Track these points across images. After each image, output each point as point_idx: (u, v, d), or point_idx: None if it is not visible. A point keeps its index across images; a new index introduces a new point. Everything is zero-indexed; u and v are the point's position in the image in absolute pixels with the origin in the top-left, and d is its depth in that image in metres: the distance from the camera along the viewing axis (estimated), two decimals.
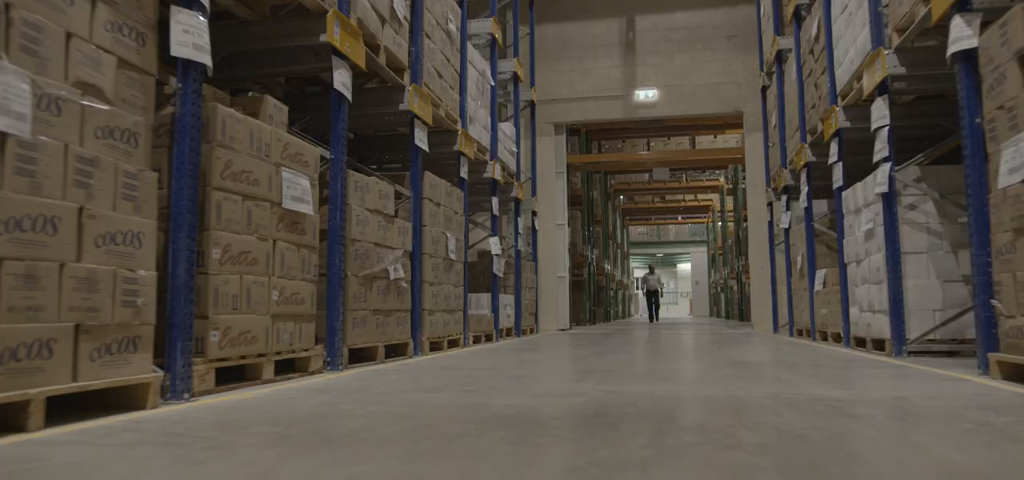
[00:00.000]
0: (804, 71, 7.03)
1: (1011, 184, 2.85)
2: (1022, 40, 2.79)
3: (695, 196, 24.21)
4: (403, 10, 4.81)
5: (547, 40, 11.20)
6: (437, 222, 5.40)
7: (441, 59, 5.65)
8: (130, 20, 2.37)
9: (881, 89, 4.48)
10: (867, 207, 4.95)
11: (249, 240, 2.98)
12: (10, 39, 1.92)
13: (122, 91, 2.32)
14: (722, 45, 10.89)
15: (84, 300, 2.09)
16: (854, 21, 5.10)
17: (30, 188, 1.94)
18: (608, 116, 11.12)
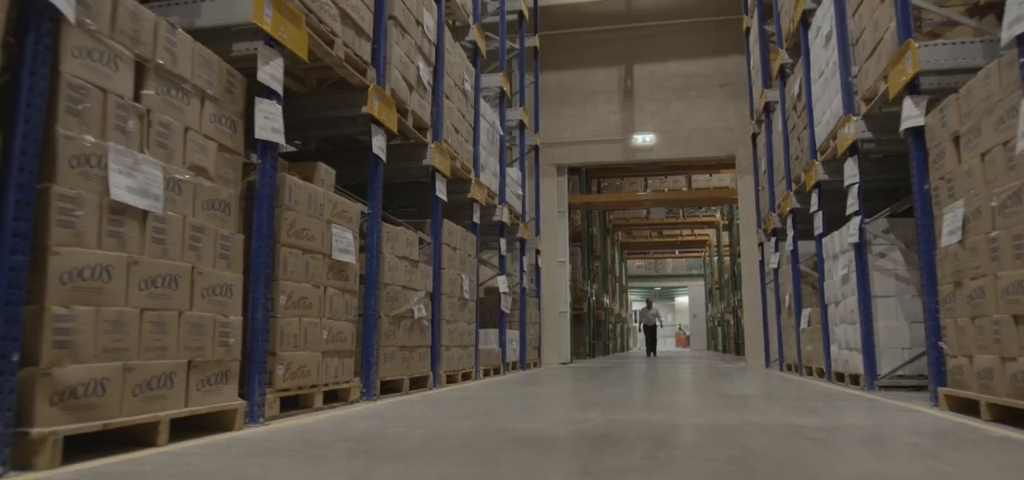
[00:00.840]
0: (788, 124, 7.62)
1: (950, 244, 3.39)
2: (956, 125, 3.35)
3: (692, 231, 24.79)
4: (427, 77, 5.39)
5: (550, 87, 11.83)
6: (454, 265, 5.92)
7: (458, 116, 6.22)
8: (226, 111, 2.91)
9: (852, 150, 5.05)
10: (843, 254, 5.49)
11: (306, 288, 3.51)
12: (149, 137, 2.47)
13: (220, 169, 2.86)
14: (715, 93, 11.52)
15: (194, 341, 2.61)
16: (829, 86, 5.69)
17: (161, 253, 2.47)
18: (608, 159, 11.72)
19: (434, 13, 5.60)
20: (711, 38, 11.67)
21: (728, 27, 11.53)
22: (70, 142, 2.12)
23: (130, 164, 2.33)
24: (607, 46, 12.00)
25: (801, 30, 6.72)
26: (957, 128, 3.33)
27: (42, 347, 1.99)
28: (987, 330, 3.04)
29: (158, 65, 2.52)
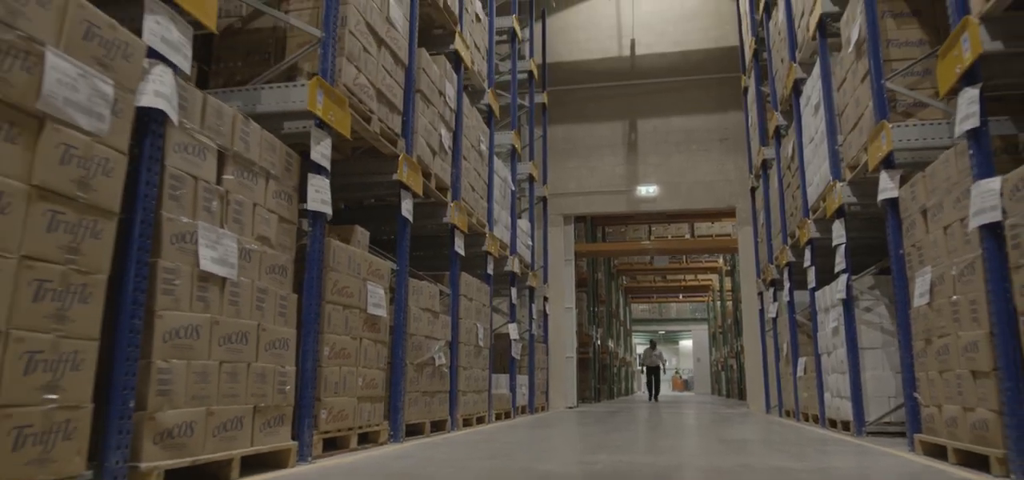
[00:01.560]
0: (784, 182, 8.07)
1: (920, 305, 3.80)
2: (923, 199, 3.78)
3: (695, 276, 25.16)
4: (448, 142, 5.87)
5: (558, 140, 12.35)
6: (470, 314, 6.33)
7: (474, 174, 6.69)
8: (285, 187, 3.36)
9: (839, 213, 5.48)
10: (833, 308, 5.89)
11: (346, 340, 3.92)
12: (227, 214, 2.91)
13: (279, 238, 3.30)
14: (715, 147, 12.01)
15: (259, 388, 3.02)
16: (818, 152, 6.14)
17: (235, 313, 2.89)
18: (613, 209, 12.18)
19: (454, 83, 6.10)
20: (712, 95, 12.20)
21: (727, 84, 12.07)
22: (171, 223, 2.56)
23: (214, 239, 2.77)
24: (612, 101, 12.54)
25: (793, 96, 7.21)
26: (924, 202, 3.77)
27: (149, 395, 2.41)
28: (952, 383, 3.43)
29: (235, 152, 2.98)
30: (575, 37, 12.83)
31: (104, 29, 2.20)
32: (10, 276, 1.86)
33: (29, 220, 1.93)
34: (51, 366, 1.98)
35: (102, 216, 2.17)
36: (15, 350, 1.87)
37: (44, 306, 1.96)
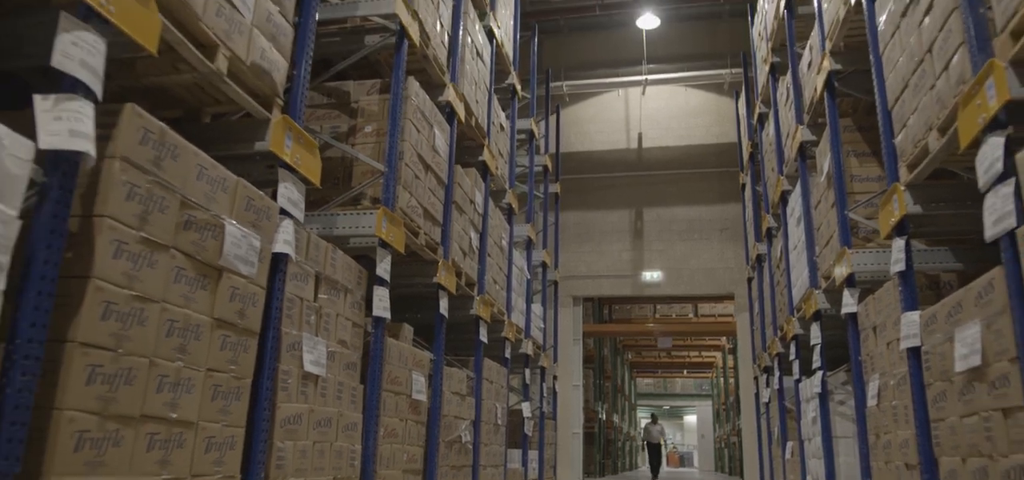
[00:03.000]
0: (774, 279, 8.90)
1: (872, 405, 4.58)
2: (873, 317, 4.60)
3: (700, 353, 25.77)
4: (475, 243, 6.75)
5: (569, 225, 13.27)
6: (490, 396, 7.11)
7: (496, 269, 7.56)
8: (356, 298, 4.23)
9: (816, 317, 6.29)
10: (812, 399, 6.64)
11: (395, 422, 4.72)
12: (320, 325, 3.76)
13: (352, 340, 4.14)
14: (716, 236, 12.90)
15: (337, 463, 3.81)
16: (800, 259, 6.99)
17: (323, 403, 3.72)
18: (619, 292, 13.02)
19: (482, 190, 7.03)
20: (713, 187, 13.15)
21: (728, 178, 13.02)
22: (287, 336, 3.42)
23: (312, 345, 3.61)
24: (620, 190, 13.51)
25: (781, 204, 8.10)
26: (874, 320, 4.59)
27: (270, 468, 3.22)
28: (893, 473, 4.19)
29: (326, 275, 3.85)
30: (587, 129, 13.88)
31: (256, 199, 3.09)
32: (200, 384, 2.70)
33: (211, 343, 2.78)
34: (218, 447, 2.80)
35: (250, 336, 3.02)
36: (201, 435, 2.70)
37: (217, 404, 2.80)
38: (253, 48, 3.12)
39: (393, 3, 4.78)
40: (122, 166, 2.33)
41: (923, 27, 3.59)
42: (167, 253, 2.53)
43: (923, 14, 3.57)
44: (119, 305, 2.30)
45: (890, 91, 4.16)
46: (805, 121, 6.73)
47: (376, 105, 5.06)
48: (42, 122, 2.06)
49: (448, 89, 5.93)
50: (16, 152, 1.93)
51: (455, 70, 6.11)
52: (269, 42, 3.24)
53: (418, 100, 5.16)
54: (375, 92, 5.14)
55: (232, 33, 2.97)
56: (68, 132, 2.09)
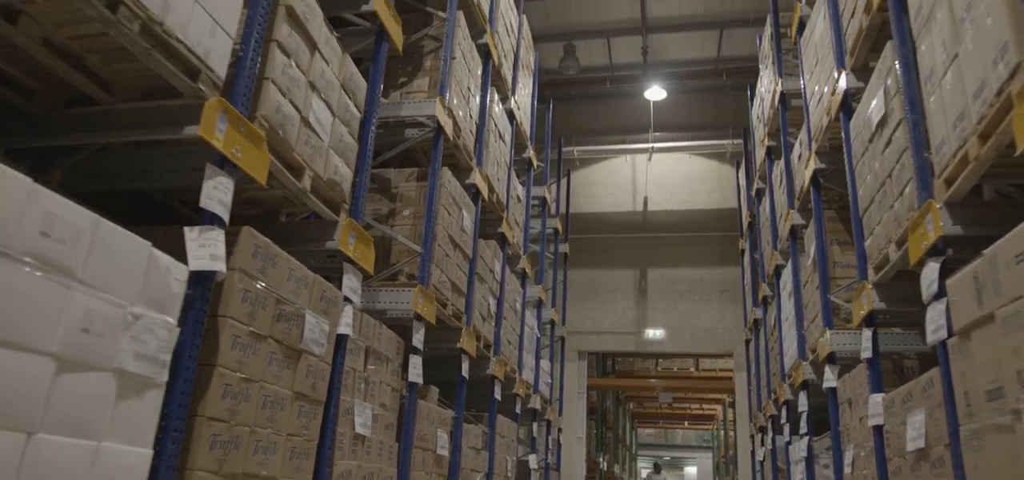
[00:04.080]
0: (768, 344, 9.49)
1: (847, 473, 5.15)
2: (849, 393, 5.20)
3: (701, 405, 26.16)
4: (493, 308, 7.39)
5: (576, 282, 13.89)
6: (502, 449, 7.67)
7: (510, 331, 8.18)
8: (395, 366, 4.84)
9: (803, 386, 6.87)
10: (800, 462, 7.18)
11: (422, 475, 5.30)
12: (367, 392, 4.38)
13: (391, 403, 4.75)
14: (716, 297, 13.51)
15: None
16: (791, 331, 7.59)
17: (367, 459, 4.32)
18: (623, 348, 13.60)
19: (500, 259, 7.68)
20: (714, 250, 13.80)
21: (728, 242, 13.67)
22: (343, 402, 4.04)
23: (361, 409, 4.23)
24: (626, 250, 14.17)
25: (775, 276, 8.72)
26: (849, 396, 5.18)
27: None
28: None
29: (373, 348, 4.49)
30: (595, 192, 14.59)
31: (327, 291, 3.74)
32: (282, 446, 3.33)
33: (291, 412, 3.41)
34: None
35: (318, 405, 3.65)
36: None
37: (293, 462, 3.41)
38: (329, 166, 3.81)
39: (433, 106, 5.50)
40: (239, 276, 2.99)
41: (885, 155, 4.26)
42: (266, 342, 3.18)
43: (884, 145, 4.25)
44: (233, 386, 2.95)
45: (861, 201, 4.83)
46: (796, 206, 7.39)
47: (414, 191, 5.74)
48: (191, 249, 2.72)
49: (474, 172, 6.62)
50: (178, 276, 2.59)
51: (481, 155, 6.82)
52: (340, 159, 3.93)
53: (450, 187, 5.84)
54: (413, 180, 5.82)
55: (315, 156, 3.66)
56: (209, 256, 2.75)
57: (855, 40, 4.92)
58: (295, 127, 3.46)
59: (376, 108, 4.47)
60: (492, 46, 7.25)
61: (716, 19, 12.65)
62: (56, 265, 2.05)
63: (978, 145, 2.96)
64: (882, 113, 4.22)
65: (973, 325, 2.91)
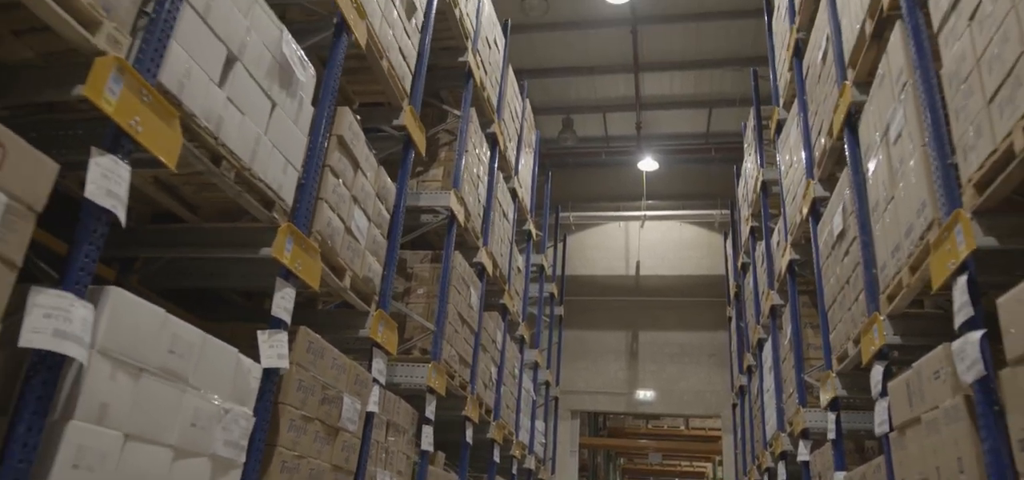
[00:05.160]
0: (752, 412, 10.04)
1: None
2: (818, 468, 5.76)
3: (690, 462, 26.43)
4: (495, 376, 7.95)
5: (570, 343, 14.44)
6: None
7: (509, 396, 8.72)
8: (410, 435, 5.39)
9: (782, 456, 7.41)
10: None
11: None
12: (387, 460, 4.93)
13: (406, 468, 5.29)
14: (705, 361, 14.07)
15: None
16: (771, 403, 8.16)
17: None
18: (615, 409, 14.11)
19: (502, 330, 8.27)
20: (703, 315, 14.40)
21: (717, 307, 14.28)
22: (368, 471, 4.58)
23: (382, 475, 4.77)
24: (618, 313, 14.75)
25: (758, 349, 9.32)
26: (820, 469, 5.75)
27: None
28: None
29: (393, 421, 5.04)
30: (590, 255, 15.22)
31: (361, 374, 4.32)
32: None
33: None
34: None
35: (350, 475, 4.20)
36: None
37: None
38: (364, 265, 4.42)
39: (448, 198, 6.15)
40: (296, 368, 3.58)
41: (844, 263, 4.91)
42: (313, 423, 3.75)
43: (844, 254, 4.90)
44: (288, 462, 3.51)
45: (826, 298, 5.46)
46: (775, 287, 8.03)
47: (428, 272, 6.36)
48: (263, 350, 3.31)
49: (481, 251, 7.25)
50: (255, 374, 3.18)
51: (487, 234, 7.46)
52: (373, 258, 4.55)
53: (461, 269, 6.46)
54: (427, 261, 6.44)
55: (354, 258, 4.28)
56: (277, 355, 3.34)
57: (821, 155, 5.61)
58: (340, 236, 4.09)
59: (403, 209, 5.11)
60: (499, 133, 7.96)
61: (705, 99, 13.47)
62: (177, 374, 2.65)
63: (909, 274, 3.60)
64: (841, 227, 4.88)
65: (907, 424, 3.52)
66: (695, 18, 11.25)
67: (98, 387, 2.29)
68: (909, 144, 3.57)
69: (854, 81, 4.71)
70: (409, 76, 5.29)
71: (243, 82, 3.14)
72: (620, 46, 12.04)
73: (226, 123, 3.01)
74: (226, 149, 3.02)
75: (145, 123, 2.48)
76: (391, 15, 4.91)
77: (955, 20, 3.04)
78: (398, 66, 5.04)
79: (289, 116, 3.51)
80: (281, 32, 3.46)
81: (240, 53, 3.11)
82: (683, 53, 12.22)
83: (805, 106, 6.18)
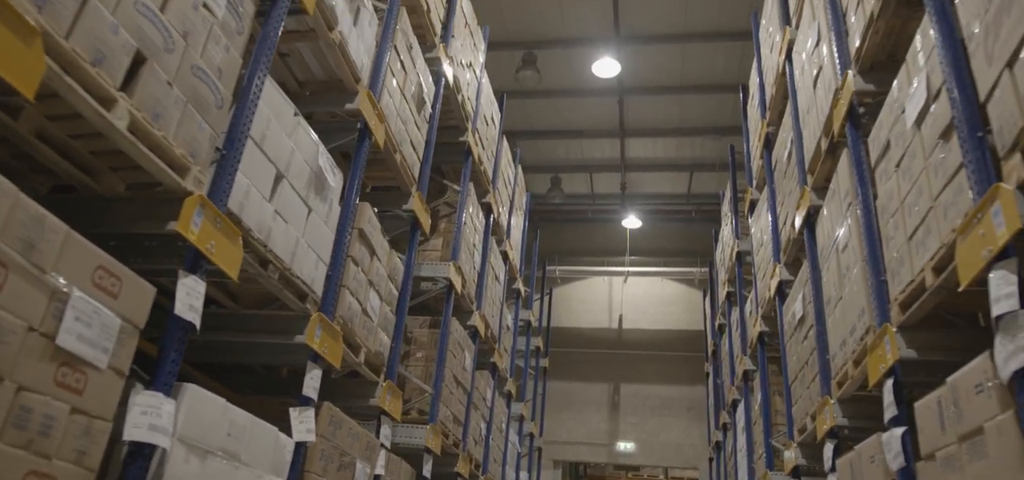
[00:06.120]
0: (727, 467, 10.54)
1: None
2: None
3: None
4: (484, 431, 8.41)
5: (553, 394, 14.90)
6: None
7: (497, 449, 9.17)
8: None
9: None
10: None
11: None
12: None
13: None
14: (684, 415, 14.58)
15: None
16: (744, 462, 8.68)
17: None
18: (596, 459, 14.53)
19: (491, 387, 8.76)
20: (682, 370, 14.96)
21: (696, 362, 14.84)
22: None
23: None
24: (601, 365, 15.27)
25: (733, 407, 9.86)
26: None
27: None
28: None
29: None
30: (575, 308, 15.79)
31: (371, 441, 4.80)
32: None
33: None
34: None
35: None
36: None
37: None
38: (377, 340, 4.94)
39: (447, 269, 6.69)
40: (320, 440, 4.07)
41: (804, 345, 5.49)
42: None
43: (803, 337, 5.49)
44: None
45: (789, 373, 6.03)
46: (748, 353, 8.61)
47: (426, 337, 6.86)
48: (294, 425, 3.81)
49: (475, 315, 7.77)
50: (288, 447, 3.67)
51: (481, 298, 7.99)
52: (384, 333, 5.07)
53: (457, 334, 6.98)
54: (425, 327, 6.95)
55: (368, 336, 4.79)
56: (306, 430, 3.84)
57: (787, 242, 6.23)
58: (358, 318, 4.61)
59: (410, 286, 5.64)
60: (494, 202, 8.54)
61: (686, 163, 14.20)
62: (232, 453, 3.14)
63: (853, 367, 4.18)
64: (801, 313, 5.47)
65: None
66: (678, 91, 11.99)
67: (176, 469, 2.79)
68: (853, 255, 4.18)
69: (813, 186, 5.34)
70: (418, 164, 5.86)
71: (288, 194, 3.69)
72: (607, 113, 12.75)
73: (274, 232, 3.55)
74: (272, 254, 3.55)
75: (218, 245, 3.01)
76: (404, 113, 5.50)
77: (886, 164, 3.66)
78: (409, 157, 5.61)
79: (321, 218, 4.06)
80: (317, 146, 4.02)
81: (286, 170, 3.66)
82: (666, 121, 12.95)
83: (774, 195, 6.82)
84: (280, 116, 3.63)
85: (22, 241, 2.11)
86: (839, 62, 4.44)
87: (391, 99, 5.17)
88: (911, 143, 3.31)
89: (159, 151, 2.74)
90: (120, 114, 2.52)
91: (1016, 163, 2.40)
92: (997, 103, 2.51)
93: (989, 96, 2.57)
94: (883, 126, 3.73)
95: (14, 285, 2.07)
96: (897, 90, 3.54)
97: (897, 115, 3.51)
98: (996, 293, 2.40)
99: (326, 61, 4.56)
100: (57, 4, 2.27)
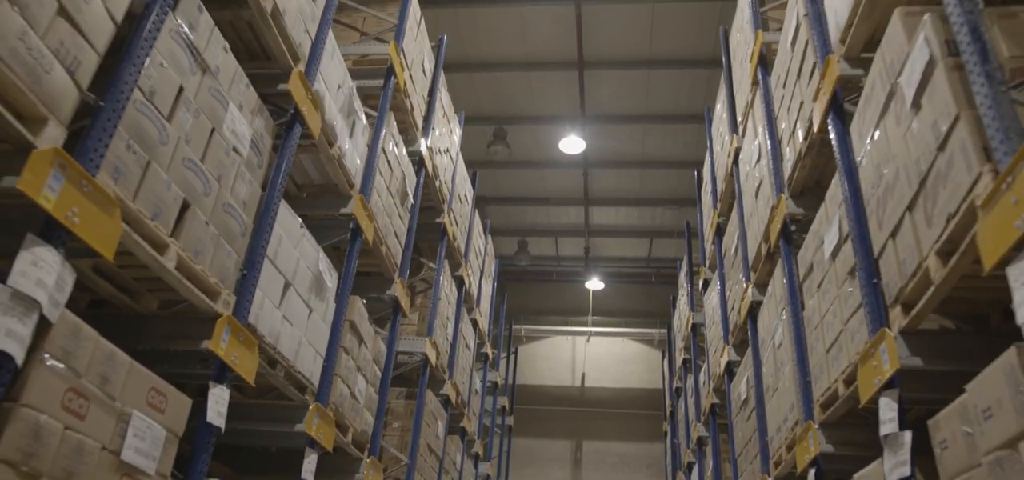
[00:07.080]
0: None
1: None
2: None
3: None
4: None
5: (518, 450, 15.28)
6: None
7: None
8: None
9: None
10: None
11: None
12: None
13: None
14: (643, 472, 15.09)
15: None
16: None
17: None
18: None
19: (461, 451, 9.17)
20: (642, 427, 15.50)
21: (655, 420, 15.40)
22: None
23: None
24: (564, 423, 15.73)
25: (688, 470, 10.41)
26: None
27: None
28: None
29: None
30: (539, 366, 16.29)
31: None
32: None
33: None
34: None
35: None
36: None
37: None
38: (362, 420, 5.39)
39: (424, 344, 7.17)
40: None
41: (747, 424, 6.09)
42: None
43: (747, 416, 6.09)
44: None
45: (737, 448, 6.62)
46: (701, 420, 9.21)
47: (402, 407, 7.31)
48: None
49: (447, 384, 8.24)
50: None
51: (453, 367, 8.46)
52: (369, 413, 5.52)
53: (432, 405, 7.44)
54: (402, 397, 7.40)
55: (355, 417, 5.24)
56: None
57: (734, 327, 6.88)
58: (347, 401, 5.07)
59: (392, 366, 6.11)
60: (465, 274, 9.07)
61: (647, 229, 14.96)
62: None
63: (785, 452, 4.78)
64: (745, 396, 6.09)
65: None
66: (639, 165, 12.77)
67: None
68: (785, 354, 4.81)
69: (755, 282, 6.00)
70: (400, 252, 6.38)
71: (293, 300, 4.18)
72: (573, 183, 13.45)
73: (282, 336, 4.03)
74: (279, 355, 4.03)
75: (240, 356, 3.49)
76: (390, 207, 6.03)
77: (810, 283, 4.32)
78: (393, 248, 6.13)
79: (320, 316, 4.54)
80: (318, 251, 4.52)
81: (293, 279, 4.16)
82: (628, 192, 13.70)
83: (723, 281, 7.50)
84: (289, 232, 4.14)
85: (99, 377, 2.58)
86: (775, 184, 5.12)
87: (379, 198, 5.71)
88: (828, 272, 3.96)
89: (196, 281, 3.23)
90: (170, 257, 3.01)
91: (898, 313, 3.04)
92: (885, 261, 3.16)
93: (880, 253, 3.22)
94: (809, 249, 4.39)
95: (94, 415, 2.53)
96: (817, 223, 4.21)
97: (818, 244, 4.17)
98: (883, 416, 3.02)
99: (324, 169, 5.09)
100: (127, 174, 2.78)
